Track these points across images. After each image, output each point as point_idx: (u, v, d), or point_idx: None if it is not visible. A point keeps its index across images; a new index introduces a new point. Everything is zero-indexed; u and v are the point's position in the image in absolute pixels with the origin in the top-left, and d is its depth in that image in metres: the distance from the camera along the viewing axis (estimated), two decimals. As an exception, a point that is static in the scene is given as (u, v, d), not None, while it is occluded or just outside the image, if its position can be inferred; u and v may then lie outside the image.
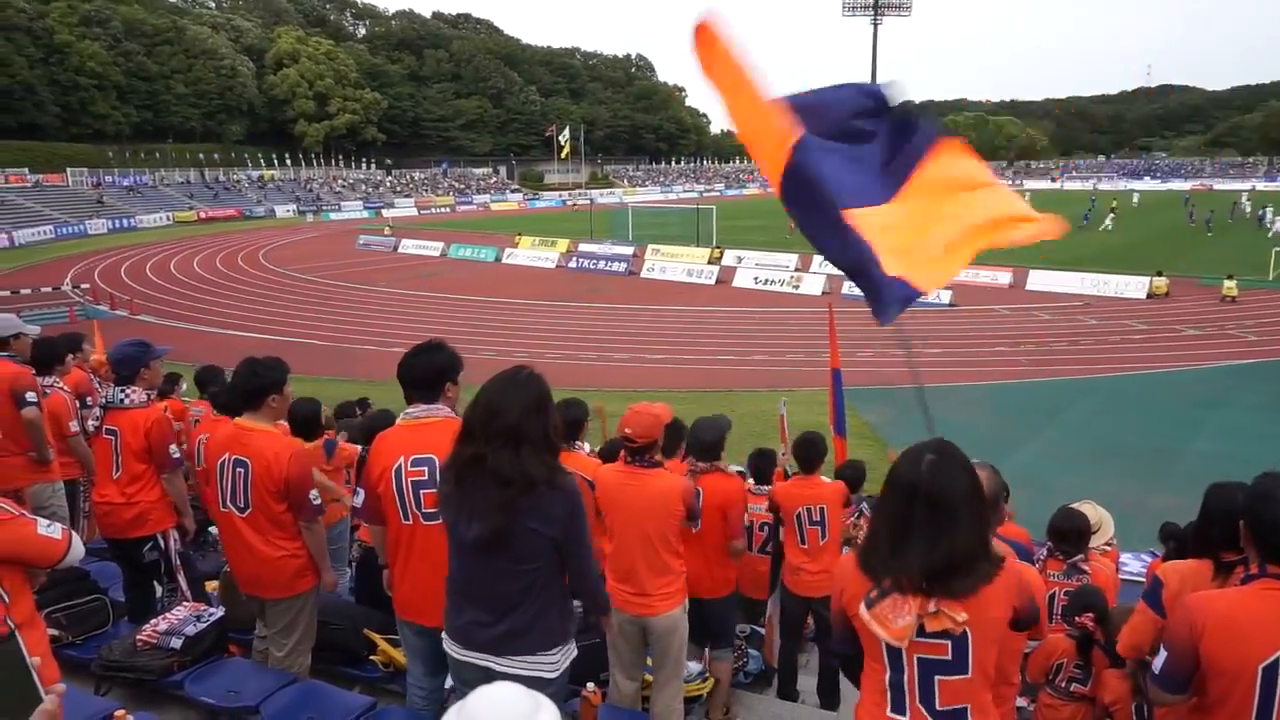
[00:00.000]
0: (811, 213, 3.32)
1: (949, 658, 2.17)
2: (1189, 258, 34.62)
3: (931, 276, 3.32)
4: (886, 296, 3.24)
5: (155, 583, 4.93)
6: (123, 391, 4.64)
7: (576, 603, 3.07)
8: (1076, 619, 3.87)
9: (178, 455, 4.80)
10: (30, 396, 5.21)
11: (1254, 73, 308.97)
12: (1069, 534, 4.53)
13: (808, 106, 3.32)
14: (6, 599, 2.64)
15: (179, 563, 4.87)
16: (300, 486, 3.85)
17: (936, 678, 2.19)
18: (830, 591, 2.45)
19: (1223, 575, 2.83)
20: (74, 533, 2.85)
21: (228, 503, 3.90)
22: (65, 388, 5.81)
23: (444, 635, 2.94)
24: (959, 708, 2.21)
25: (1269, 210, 46.59)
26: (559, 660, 2.85)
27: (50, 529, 2.76)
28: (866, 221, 3.25)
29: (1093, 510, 5.12)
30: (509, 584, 2.75)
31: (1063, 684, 3.91)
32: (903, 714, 2.24)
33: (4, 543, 2.63)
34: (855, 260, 3.28)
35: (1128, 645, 3.08)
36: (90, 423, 4.77)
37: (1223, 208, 52.90)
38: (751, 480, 5.73)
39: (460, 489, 2.71)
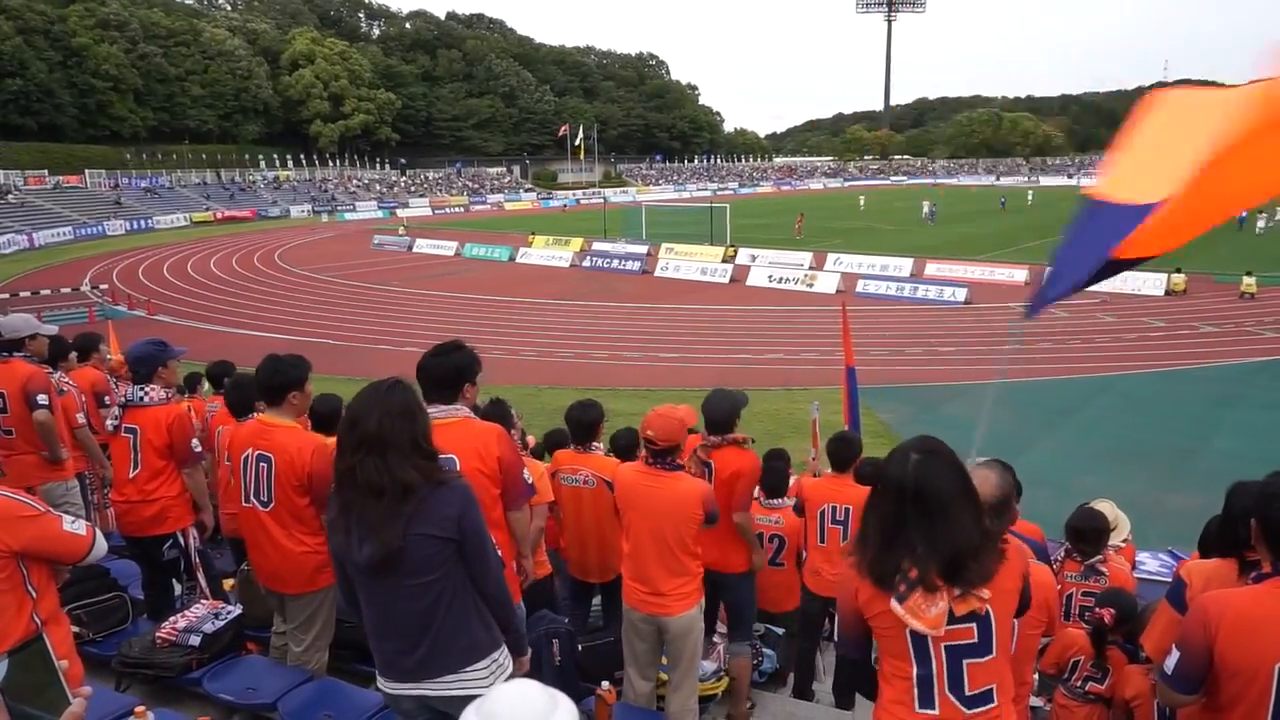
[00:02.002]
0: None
1: (975, 640, 2.19)
2: (1207, 254, 34.29)
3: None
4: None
5: (175, 580, 4.98)
6: (142, 390, 4.68)
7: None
8: (1096, 610, 3.86)
9: (199, 450, 4.86)
10: (42, 399, 5.26)
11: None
12: (1088, 533, 4.50)
13: None
14: (34, 595, 2.69)
15: (198, 560, 4.92)
16: (323, 481, 3.86)
17: (965, 662, 2.20)
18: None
19: (1248, 574, 2.80)
20: (97, 530, 2.89)
21: (251, 497, 3.93)
22: (71, 382, 5.89)
23: (376, 671, 2.83)
24: (986, 689, 2.22)
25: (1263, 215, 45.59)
26: (490, 672, 2.72)
27: (75, 525, 2.80)
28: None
29: (1110, 509, 5.08)
30: (416, 602, 2.60)
31: (1078, 684, 3.88)
32: (931, 708, 2.23)
33: (31, 540, 2.68)
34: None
35: (1156, 648, 3.05)
36: (109, 422, 4.80)
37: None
38: (760, 494, 5.66)
39: (345, 514, 2.58)
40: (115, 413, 4.75)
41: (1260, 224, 42.79)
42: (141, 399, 4.66)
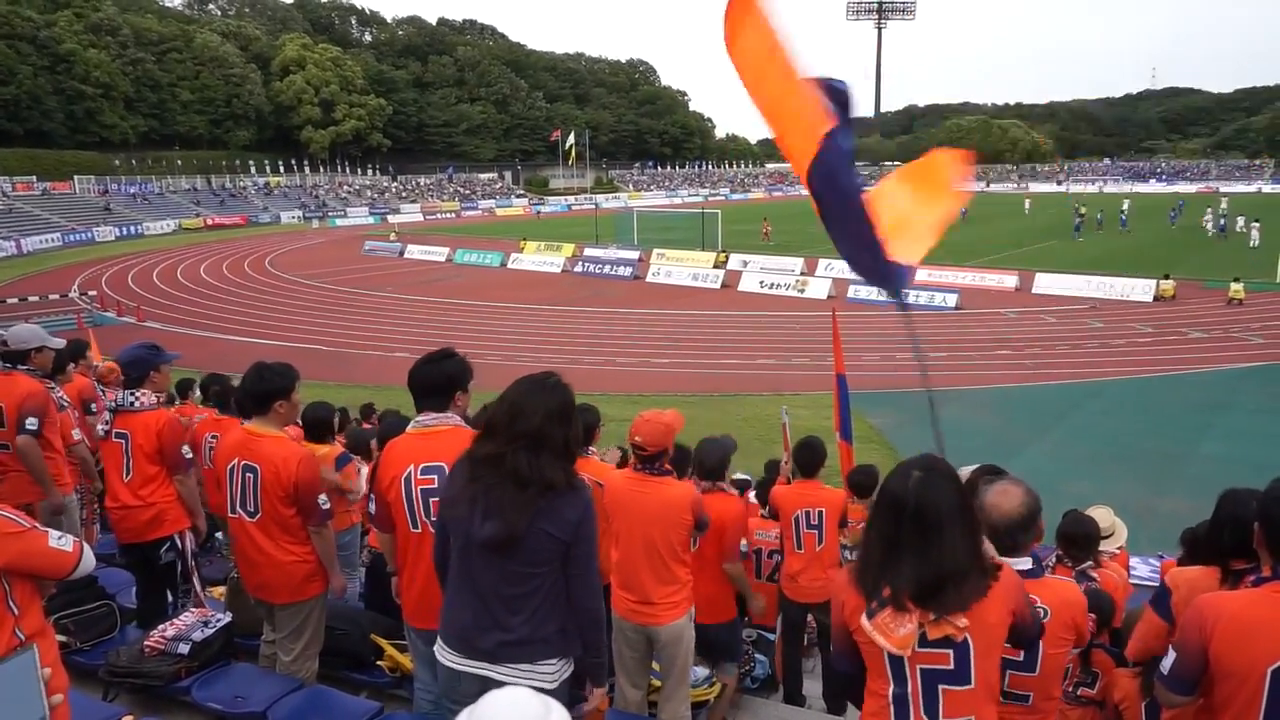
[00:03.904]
0: (834, 202, 3.26)
1: (951, 667, 2.18)
2: (1195, 260, 34.52)
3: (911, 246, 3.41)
4: (892, 279, 3.38)
5: (169, 587, 4.94)
6: (133, 395, 4.66)
7: None
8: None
9: (190, 456, 4.83)
10: (30, 424, 4.89)
11: (1259, 75, 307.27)
12: (1078, 538, 4.50)
13: (837, 92, 3.20)
14: (16, 611, 2.64)
15: (194, 564, 4.89)
16: (309, 491, 3.86)
17: (940, 688, 2.20)
18: (828, 597, 2.46)
19: (1230, 583, 2.81)
20: (85, 544, 2.85)
21: (238, 507, 3.91)
22: (65, 397, 5.79)
23: (439, 642, 2.87)
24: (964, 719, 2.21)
25: (1225, 218, 45.38)
26: (557, 672, 2.79)
27: (61, 541, 2.76)
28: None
29: (1106, 515, 5.08)
30: (514, 587, 2.69)
31: (1069, 688, 3.89)
32: None
33: (16, 556, 2.63)
34: (863, 247, 3.28)
35: (1138, 650, 3.07)
36: (100, 427, 4.76)
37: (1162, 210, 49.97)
38: (762, 507, 5.69)
39: (474, 486, 2.67)
40: (106, 418, 4.72)
41: (1256, 237, 42.76)
42: (132, 404, 4.65)
